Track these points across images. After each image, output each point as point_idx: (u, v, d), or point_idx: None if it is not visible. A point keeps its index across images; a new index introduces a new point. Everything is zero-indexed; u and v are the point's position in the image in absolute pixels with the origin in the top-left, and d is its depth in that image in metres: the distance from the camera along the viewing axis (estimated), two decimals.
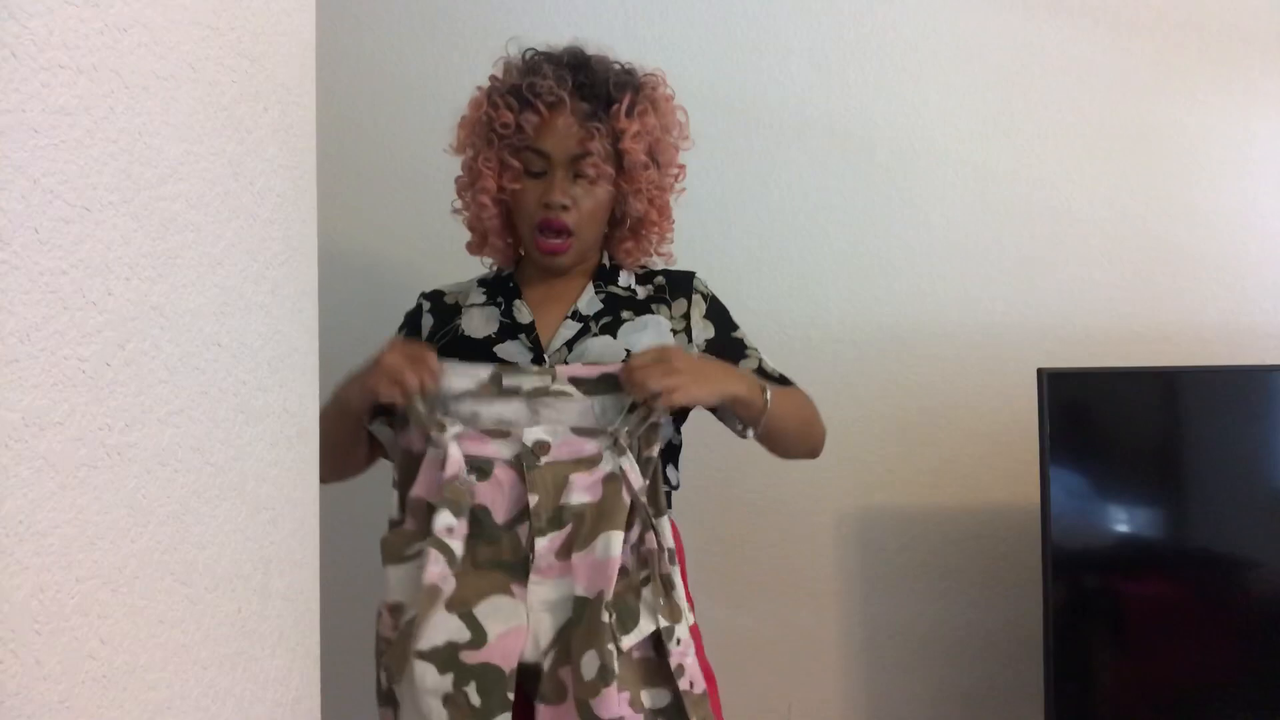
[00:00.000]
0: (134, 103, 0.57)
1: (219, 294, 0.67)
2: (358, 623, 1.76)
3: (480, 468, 1.12)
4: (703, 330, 1.32)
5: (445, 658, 1.06)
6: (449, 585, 1.08)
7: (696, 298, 1.33)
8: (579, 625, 1.08)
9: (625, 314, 1.29)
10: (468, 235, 1.38)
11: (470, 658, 1.06)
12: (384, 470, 1.74)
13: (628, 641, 1.08)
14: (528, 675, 1.10)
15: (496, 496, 1.12)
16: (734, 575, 1.87)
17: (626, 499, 1.10)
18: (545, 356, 1.25)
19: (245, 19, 0.71)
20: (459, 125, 1.32)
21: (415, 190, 1.78)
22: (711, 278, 1.38)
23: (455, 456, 1.10)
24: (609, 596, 1.07)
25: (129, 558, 0.57)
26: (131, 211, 0.57)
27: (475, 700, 1.05)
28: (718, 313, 1.35)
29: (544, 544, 1.10)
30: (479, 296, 1.34)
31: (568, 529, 1.10)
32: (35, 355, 0.50)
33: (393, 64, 1.82)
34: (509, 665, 1.06)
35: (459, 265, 1.43)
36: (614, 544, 1.08)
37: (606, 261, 1.36)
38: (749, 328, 1.36)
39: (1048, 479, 1.59)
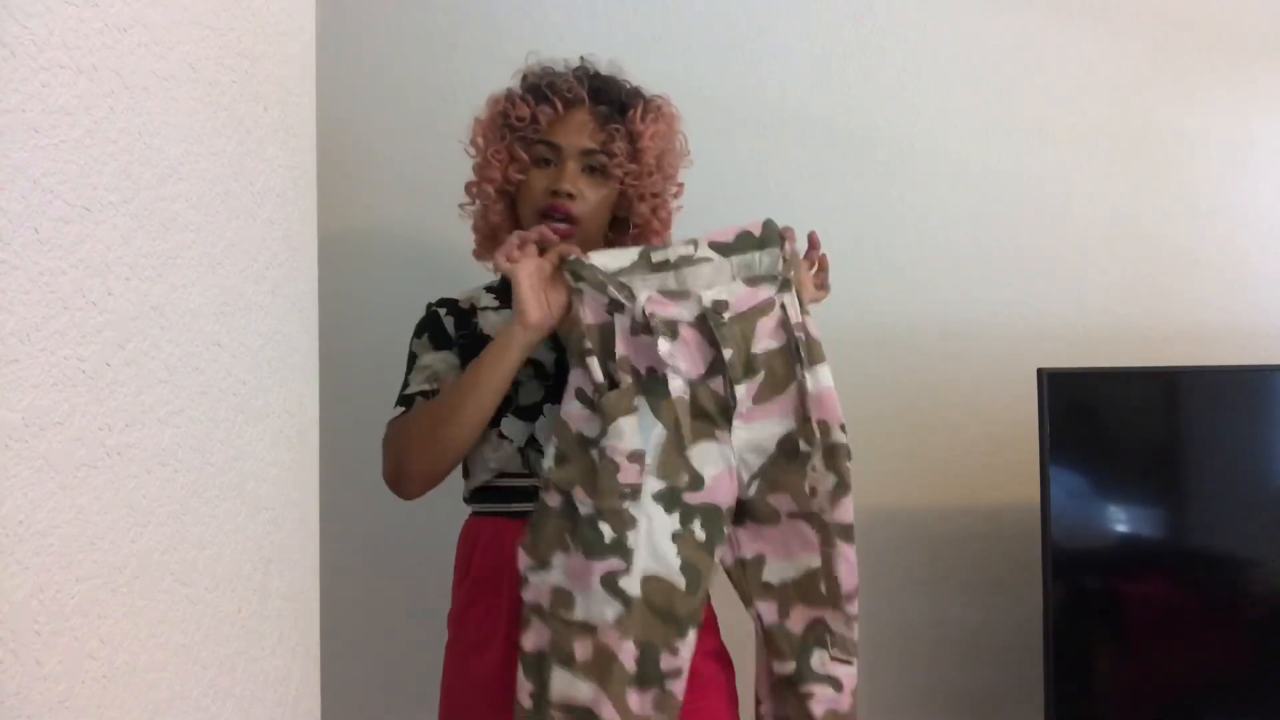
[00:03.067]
0: (134, 103, 0.57)
1: (219, 294, 0.67)
2: (358, 622, 1.77)
3: (669, 328, 1.16)
4: None
5: (669, 499, 1.15)
6: (688, 393, 1.16)
7: None
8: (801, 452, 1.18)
9: None
10: (469, 234, 1.38)
11: (692, 499, 1.16)
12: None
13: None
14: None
15: (685, 355, 1.17)
16: None
17: (817, 334, 1.20)
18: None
19: (245, 19, 0.71)
20: (474, 123, 1.33)
21: (415, 190, 1.78)
22: None
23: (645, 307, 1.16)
24: (840, 420, 1.19)
25: (129, 558, 0.57)
26: (131, 211, 0.57)
27: (700, 535, 1.16)
28: None
29: (741, 391, 1.17)
30: (490, 300, 1.34)
31: (761, 375, 1.18)
32: (35, 355, 0.50)
33: (393, 64, 1.82)
34: (726, 503, 1.17)
35: (459, 264, 1.42)
36: (823, 376, 1.19)
37: None
38: None
39: (1048, 479, 1.59)
